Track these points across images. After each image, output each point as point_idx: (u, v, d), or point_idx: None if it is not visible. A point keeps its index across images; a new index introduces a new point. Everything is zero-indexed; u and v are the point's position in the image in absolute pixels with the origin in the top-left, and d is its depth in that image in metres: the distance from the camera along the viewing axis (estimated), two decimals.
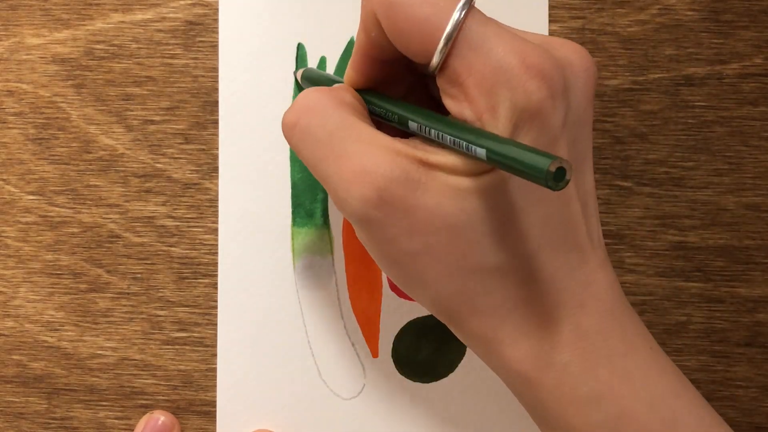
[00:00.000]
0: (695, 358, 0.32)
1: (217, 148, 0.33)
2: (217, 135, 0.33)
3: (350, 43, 0.32)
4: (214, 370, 0.33)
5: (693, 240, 0.32)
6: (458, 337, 0.24)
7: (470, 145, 0.20)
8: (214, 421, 0.33)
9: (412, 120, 0.23)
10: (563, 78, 0.21)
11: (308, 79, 0.30)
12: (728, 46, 0.32)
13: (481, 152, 0.20)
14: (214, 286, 0.33)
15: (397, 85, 0.26)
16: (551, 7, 0.32)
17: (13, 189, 0.33)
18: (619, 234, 0.32)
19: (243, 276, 0.32)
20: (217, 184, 0.33)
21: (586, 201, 0.23)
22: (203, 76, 0.33)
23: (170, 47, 0.33)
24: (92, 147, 0.33)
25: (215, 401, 0.33)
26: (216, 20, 0.33)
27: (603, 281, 0.23)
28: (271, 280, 0.32)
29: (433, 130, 0.22)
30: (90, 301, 0.33)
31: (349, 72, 0.26)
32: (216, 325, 0.33)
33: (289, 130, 0.24)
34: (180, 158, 0.33)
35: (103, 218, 0.33)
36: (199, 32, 0.33)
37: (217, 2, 0.33)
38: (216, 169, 0.33)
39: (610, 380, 0.22)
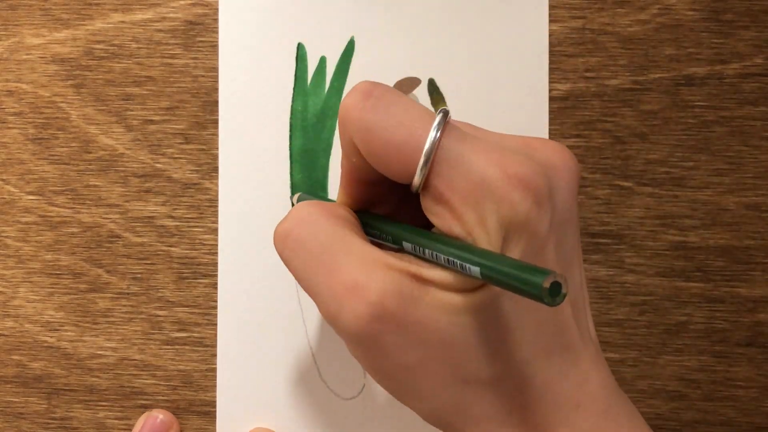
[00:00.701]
0: (695, 358, 0.32)
1: (217, 148, 0.33)
2: (217, 135, 0.33)
3: (350, 43, 0.32)
4: (214, 370, 0.33)
5: (693, 240, 0.32)
6: None
7: (464, 263, 0.20)
8: (214, 421, 0.33)
9: (406, 240, 0.23)
10: (547, 182, 0.21)
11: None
12: (728, 46, 0.32)
13: (476, 270, 0.20)
14: (214, 286, 0.33)
15: (388, 201, 0.26)
16: (551, 7, 0.32)
17: (13, 189, 0.33)
18: (620, 234, 0.32)
19: (243, 276, 0.32)
20: (217, 184, 0.33)
21: (576, 300, 0.23)
22: (203, 76, 0.33)
23: (170, 47, 0.33)
24: (92, 147, 0.33)
25: (215, 401, 0.33)
26: (216, 20, 0.33)
27: (596, 379, 0.23)
28: (271, 280, 0.32)
29: (427, 250, 0.22)
30: (90, 301, 0.33)
31: (339, 195, 0.26)
32: (216, 325, 0.33)
33: (281, 240, 0.24)
34: (180, 158, 0.33)
35: (103, 218, 0.33)
36: (199, 32, 0.33)
37: (217, 2, 0.33)
38: (216, 169, 0.33)
39: None
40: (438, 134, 0.21)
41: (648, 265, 0.32)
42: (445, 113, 0.21)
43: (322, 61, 0.33)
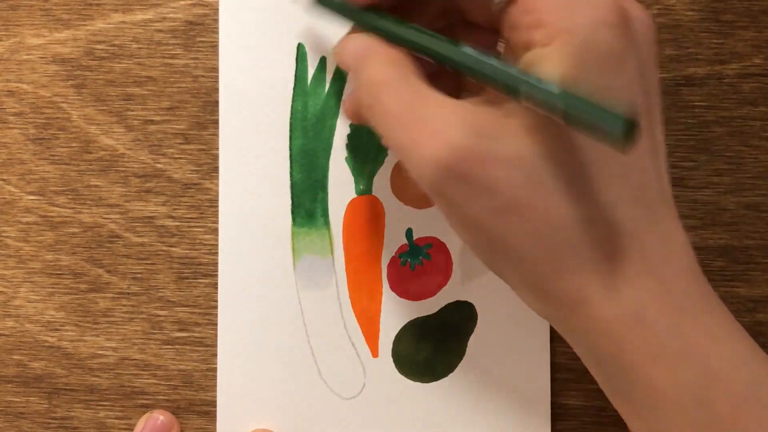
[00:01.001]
0: None
1: (217, 148, 0.33)
2: (217, 135, 0.33)
3: None
4: (214, 370, 0.33)
5: (693, 240, 0.32)
6: (538, 308, 0.23)
7: (542, 90, 0.20)
8: (214, 421, 0.33)
9: (481, 68, 0.23)
10: (633, 27, 0.22)
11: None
12: (728, 46, 0.32)
13: (553, 91, 0.19)
14: (214, 286, 0.33)
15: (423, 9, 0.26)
16: None
17: (13, 189, 0.33)
18: None
19: (243, 276, 0.32)
20: (217, 184, 0.33)
21: (657, 156, 0.23)
22: (203, 76, 0.33)
23: (170, 47, 0.33)
24: (92, 147, 0.33)
25: (215, 401, 0.33)
26: (216, 20, 0.33)
27: (681, 238, 0.23)
28: (271, 280, 0.32)
29: (494, 61, 0.22)
30: (90, 301, 0.33)
31: None
32: (216, 325, 0.33)
33: (368, 110, 0.24)
34: (180, 158, 0.33)
35: (104, 218, 0.33)
36: (199, 32, 0.33)
37: (217, 2, 0.33)
38: (216, 169, 0.33)
39: (696, 338, 0.22)
40: None
41: None
42: None
43: (322, 61, 0.33)
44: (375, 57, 0.24)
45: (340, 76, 0.33)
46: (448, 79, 0.27)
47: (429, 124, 0.22)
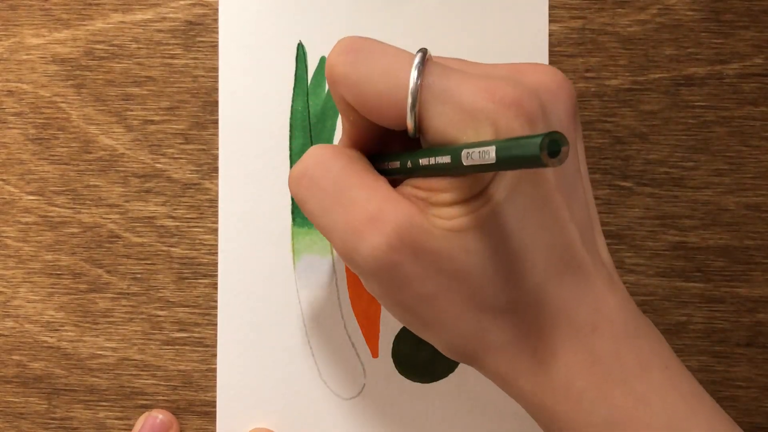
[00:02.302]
0: (695, 358, 0.32)
1: (217, 148, 0.33)
2: (217, 135, 0.33)
3: None
4: (214, 370, 0.33)
5: (693, 240, 0.32)
6: (479, 372, 0.24)
7: (465, 151, 0.20)
8: (214, 421, 0.33)
9: (406, 159, 0.23)
10: (539, 103, 0.21)
11: None
12: (728, 46, 0.32)
13: (475, 155, 0.20)
14: (214, 286, 0.33)
15: (391, 150, 0.26)
16: (551, 7, 0.32)
17: (13, 189, 0.33)
18: (619, 234, 0.32)
19: (243, 276, 0.32)
20: (217, 184, 0.33)
21: (582, 221, 0.23)
22: (203, 76, 0.33)
23: (170, 47, 0.33)
24: (92, 147, 0.33)
25: (215, 401, 0.33)
26: (216, 20, 0.33)
27: (612, 302, 0.23)
28: (271, 280, 0.32)
29: (429, 159, 0.22)
30: (90, 301, 0.33)
31: (342, 141, 0.26)
32: (216, 325, 0.33)
33: (296, 181, 0.24)
34: (180, 158, 0.33)
35: (103, 218, 0.33)
36: (199, 32, 0.33)
37: (217, 2, 0.33)
38: (216, 169, 0.33)
39: (626, 405, 0.22)
40: (418, 75, 0.21)
41: (648, 265, 0.32)
42: (424, 52, 0.22)
43: (322, 61, 0.33)
44: (319, 146, 0.25)
45: None
46: None
47: (361, 206, 0.22)
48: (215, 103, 0.33)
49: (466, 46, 0.32)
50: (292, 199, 0.32)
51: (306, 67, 0.32)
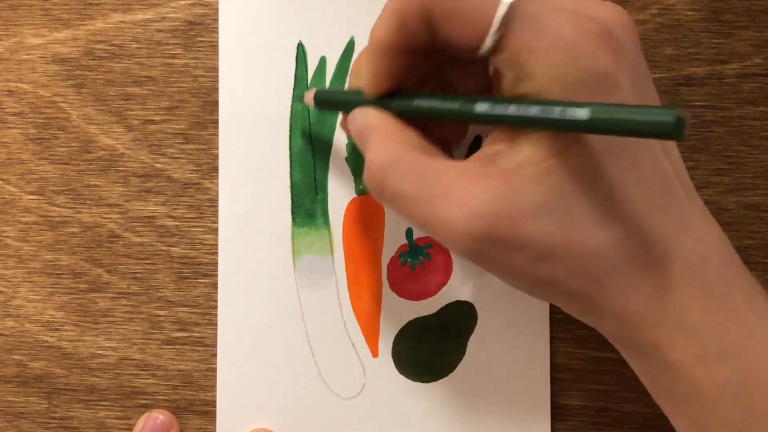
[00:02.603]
0: None
1: (217, 148, 0.33)
2: (217, 135, 0.33)
3: (350, 43, 0.32)
4: (214, 370, 0.33)
5: None
6: (591, 323, 0.24)
7: (566, 109, 0.20)
8: (214, 421, 0.33)
9: (482, 110, 0.22)
10: (620, 38, 0.22)
11: (323, 101, 0.29)
12: (728, 46, 0.32)
13: (582, 113, 0.19)
14: (214, 286, 0.33)
15: (412, 78, 0.26)
16: None
17: (13, 189, 0.33)
18: None
19: (243, 276, 0.32)
20: (217, 184, 0.33)
21: (671, 155, 0.23)
22: (203, 76, 0.33)
23: (170, 47, 0.33)
24: (92, 147, 0.33)
25: (215, 401, 0.33)
26: (216, 20, 0.33)
27: (714, 233, 0.23)
28: (271, 280, 0.32)
29: (512, 107, 0.21)
30: (90, 301, 0.33)
31: (369, 79, 0.25)
32: (216, 325, 0.33)
33: (378, 195, 0.24)
34: (180, 158, 0.33)
35: (103, 218, 0.33)
36: (199, 32, 0.33)
37: (217, 2, 0.33)
38: (216, 169, 0.33)
39: (738, 336, 0.22)
40: None
41: None
42: None
43: (322, 61, 0.33)
44: (375, 137, 0.25)
45: (340, 76, 0.33)
46: (440, 127, 0.28)
47: (449, 197, 0.22)
48: (215, 103, 0.33)
49: None
50: (292, 199, 0.32)
51: (306, 67, 0.33)
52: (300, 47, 0.33)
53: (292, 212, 0.32)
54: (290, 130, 0.32)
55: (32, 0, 0.33)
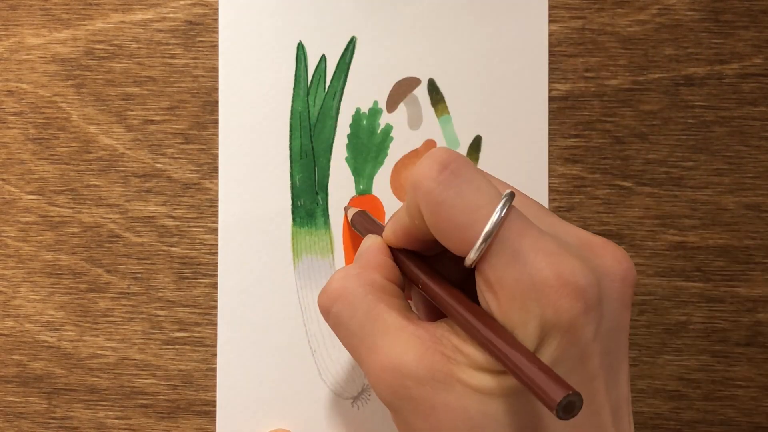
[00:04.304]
0: (695, 358, 0.32)
1: (217, 148, 0.33)
2: (217, 135, 0.33)
3: (350, 43, 0.33)
4: (214, 370, 0.33)
5: (693, 240, 0.32)
6: None
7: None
8: (214, 421, 0.33)
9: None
10: (598, 290, 0.21)
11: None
12: (728, 46, 0.32)
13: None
14: (214, 286, 0.33)
15: (433, 248, 0.26)
16: (551, 7, 0.32)
17: (13, 189, 0.33)
18: (619, 234, 0.32)
19: (243, 276, 0.32)
20: (217, 184, 0.33)
21: (619, 407, 0.23)
22: (203, 76, 0.33)
23: (170, 47, 0.33)
24: (92, 147, 0.33)
25: (215, 401, 0.33)
26: (216, 20, 0.33)
27: None
28: (271, 280, 0.32)
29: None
30: (90, 301, 0.33)
31: (389, 235, 0.26)
32: (216, 325, 0.33)
33: (324, 314, 0.25)
34: (180, 158, 0.33)
35: (103, 218, 0.33)
36: (199, 32, 0.33)
37: (217, 2, 0.33)
38: (216, 169, 0.33)
39: None
40: (497, 221, 0.21)
41: (647, 264, 0.32)
42: (510, 198, 0.21)
43: (322, 60, 0.33)
44: (355, 265, 0.25)
45: (340, 76, 0.33)
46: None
47: (382, 352, 0.22)
48: (215, 103, 0.33)
49: (466, 46, 0.32)
50: (292, 199, 0.32)
51: (306, 67, 0.33)
52: (300, 47, 0.33)
53: (292, 212, 0.32)
54: (290, 130, 0.32)
55: (32, 0, 0.33)
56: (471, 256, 0.21)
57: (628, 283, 0.22)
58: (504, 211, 0.21)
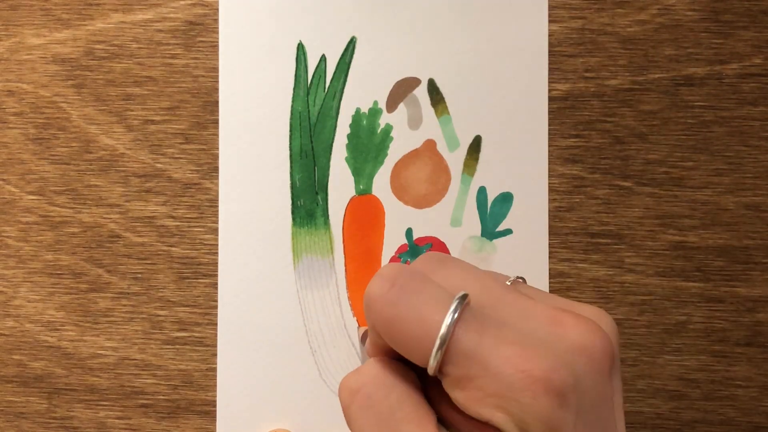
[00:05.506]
0: (695, 357, 0.32)
1: (218, 148, 0.33)
2: (217, 135, 0.33)
3: (350, 43, 0.33)
4: (214, 369, 0.33)
5: (693, 240, 0.32)
6: None
7: None
8: (214, 421, 0.33)
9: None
10: (571, 373, 0.21)
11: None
12: (728, 46, 0.32)
13: None
14: (214, 286, 0.33)
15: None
16: (551, 7, 0.32)
17: (13, 189, 0.33)
18: (619, 234, 0.32)
19: (243, 276, 0.32)
20: (217, 184, 0.33)
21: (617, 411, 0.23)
22: (203, 76, 0.33)
23: (170, 47, 0.33)
24: (92, 147, 0.33)
25: (215, 401, 0.33)
26: (216, 20, 0.33)
27: None
28: (271, 280, 0.32)
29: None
30: (90, 301, 0.33)
31: (370, 351, 0.26)
32: (216, 325, 0.33)
33: (350, 394, 0.24)
34: (180, 158, 0.33)
35: (104, 218, 0.33)
36: (199, 32, 0.33)
37: (217, 2, 0.33)
38: (216, 169, 0.33)
39: None
40: (450, 325, 0.21)
41: (647, 264, 0.32)
42: (462, 299, 0.21)
43: (322, 60, 0.33)
44: (380, 361, 0.24)
45: (340, 76, 0.33)
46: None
47: None
48: (215, 103, 0.33)
49: (466, 46, 0.33)
50: (292, 199, 0.32)
51: (306, 67, 0.33)
52: (300, 47, 0.33)
53: (292, 212, 0.32)
54: (290, 130, 0.33)
55: (32, 0, 0.33)
56: (431, 364, 0.21)
57: (606, 355, 0.22)
58: (456, 314, 0.21)
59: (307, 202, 0.32)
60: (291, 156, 0.32)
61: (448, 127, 0.33)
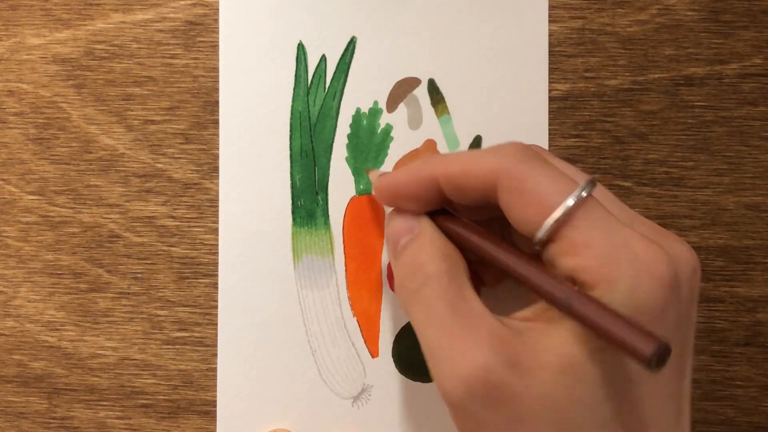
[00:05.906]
0: (695, 357, 0.32)
1: (218, 148, 0.33)
2: (217, 135, 0.33)
3: (350, 43, 0.33)
4: (214, 370, 0.33)
5: (693, 240, 0.32)
6: None
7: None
8: (214, 421, 0.33)
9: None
10: (676, 274, 0.21)
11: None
12: (728, 46, 0.32)
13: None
14: (214, 286, 0.33)
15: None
16: (551, 7, 0.32)
17: (13, 189, 0.33)
18: None
19: (243, 276, 0.32)
20: (217, 184, 0.33)
21: (681, 396, 0.23)
22: (203, 76, 0.33)
23: (170, 47, 0.33)
24: (92, 147, 0.33)
25: (215, 401, 0.33)
26: (216, 20, 0.33)
27: None
28: (271, 280, 0.32)
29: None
30: (90, 301, 0.33)
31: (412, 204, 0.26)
32: (216, 325, 0.33)
33: (409, 295, 0.24)
34: (180, 158, 0.33)
35: (104, 218, 0.33)
36: (200, 32, 0.33)
37: (217, 2, 0.33)
38: (216, 169, 0.33)
39: None
40: (590, 183, 0.21)
41: None
42: (593, 183, 0.21)
43: (322, 60, 0.33)
44: (426, 244, 0.24)
45: (340, 76, 0.33)
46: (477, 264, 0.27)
47: (466, 338, 0.21)
48: (215, 103, 0.33)
49: (466, 47, 0.33)
50: (292, 199, 0.32)
51: (306, 67, 0.33)
52: (300, 47, 0.33)
53: (292, 212, 0.32)
54: (290, 130, 0.33)
55: (32, 0, 0.33)
56: (555, 215, 0.21)
57: (698, 276, 0.23)
58: (592, 186, 0.21)
59: (308, 202, 0.32)
60: (291, 156, 0.33)
61: (448, 127, 0.33)
